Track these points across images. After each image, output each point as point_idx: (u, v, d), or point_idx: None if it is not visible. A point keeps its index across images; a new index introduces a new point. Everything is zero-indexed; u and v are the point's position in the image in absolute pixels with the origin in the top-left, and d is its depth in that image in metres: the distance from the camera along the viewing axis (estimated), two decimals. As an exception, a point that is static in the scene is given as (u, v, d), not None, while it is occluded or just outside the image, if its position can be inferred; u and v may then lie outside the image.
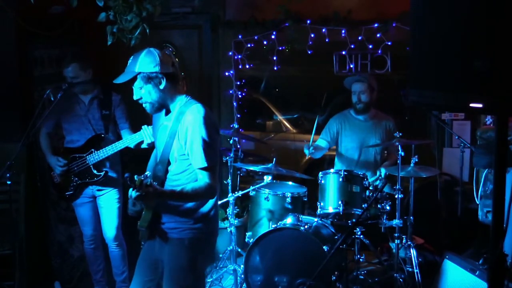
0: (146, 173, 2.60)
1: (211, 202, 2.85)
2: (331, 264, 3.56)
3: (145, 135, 3.52)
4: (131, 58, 2.82)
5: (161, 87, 2.76)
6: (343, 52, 5.24)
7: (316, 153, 4.64)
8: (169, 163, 2.84)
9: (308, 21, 5.15)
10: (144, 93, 2.78)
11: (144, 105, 2.84)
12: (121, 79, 2.79)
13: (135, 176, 2.52)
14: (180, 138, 2.75)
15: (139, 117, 3.65)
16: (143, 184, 2.51)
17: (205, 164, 2.68)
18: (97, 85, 4.03)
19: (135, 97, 2.82)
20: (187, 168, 2.79)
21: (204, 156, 2.68)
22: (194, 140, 2.70)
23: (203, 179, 2.72)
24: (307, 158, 4.45)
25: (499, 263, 1.69)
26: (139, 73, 2.74)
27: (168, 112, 2.89)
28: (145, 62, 2.74)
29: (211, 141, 2.71)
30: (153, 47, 2.83)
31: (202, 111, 2.73)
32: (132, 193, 2.54)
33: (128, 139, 3.74)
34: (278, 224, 3.95)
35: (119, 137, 4.00)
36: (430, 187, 5.08)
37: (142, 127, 3.56)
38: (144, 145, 3.56)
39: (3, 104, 4.09)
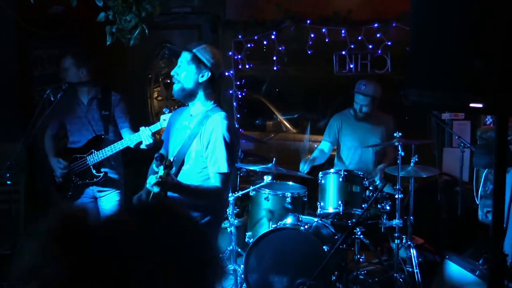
0: (173, 158, 2.64)
1: (215, 212, 2.86)
2: (331, 264, 3.56)
3: (143, 136, 3.53)
4: (196, 43, 2.90)
5: (202, 79, 2.79)
6: (343, 52, 5.23)
7: (317, 161, 4.66)
8: (183, 164, 2.85)
9: (308, 21, 5.14)
10: (183, 71, 2.81)
11: (175, 85, 2.85)
12: (175, 48, 2.89)
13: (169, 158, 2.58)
14: (203, 140, 2.77)
15: (138, 117, 3.65)
16: (172, 165, 2.55)
17: (225, 170, 2.73)
18: (95, 85, 4.02)
19: (173, 72, 2.85)
20: (201, 170, 2.81)
21: (226, 161, 2.72)
22: (217, 145, 2.73)
23: (215, 183, 2.75)
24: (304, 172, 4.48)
25: (499, 263, 1.69)
26: (193, 53, 2.79)
27: (190, 111, 2.91)
28: (206, 52, 2.81)
29: (233, 149, 2.77)
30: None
31: (227, 119, 2.79)
32: (152, 178, 2.56)
33: (127, 140, 3.74)
34: (278, 224, 3.95)
35: (120, 137, 4.00)
36: (430, 187, 5.07)
37: (140, 128, 3.56)
38: (142, 146, 3.56)
39: (3, 104, 4.09)
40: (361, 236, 4.10)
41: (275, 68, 5.48)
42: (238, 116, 5.64)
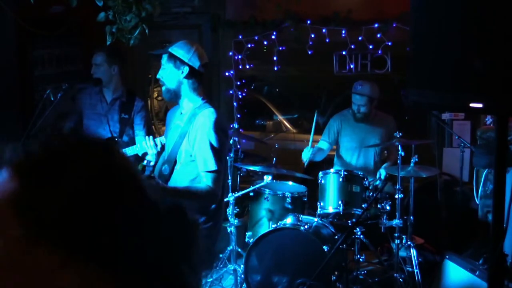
0: (149, 161, 2.62)
1: (213, 209, 2.85)
2: (331, 264, 3.56)
3: (147, 146, 3.49)
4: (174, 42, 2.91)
5: (182, 75, 2.80)
6: (343, 52, 5.23)
7: (317, 156, 4.65)
8: (175, 163, 2.84)
9: (308, 21, 5.15)
10: (165, 73, 2.83)
11: (162, 87, 2.89)
12: (153, 52, 2.92)
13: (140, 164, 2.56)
14: (190, 139, 2.77)
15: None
16: (145, 169, 2.54)
17: (210, 168, 2.70)
18: (121, 86, 4.01)
19: (158, 75, 2.88)
20: (192, 170, 2.80)
21: (210, 160, 2.70)
22: (202, 143, 2.71)
23: (206, 182, 2.73)
24: (305, 164, 4.47)
25: (499, 263, 1.68)
26: (169, 52, 2.80)
27: (181, 109, 2.92)
28: (181, 47, 2.81)
29: (219, 146, 2.73)
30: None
31: (214, 116, 2.75)
32: None
33: (137, 147, 3.72)
34: (278, 224, 3.95)
35: (134, 143, 3.98)
36: (430, 187, 5.08)
37: (146, 137, 3.55)
38: (149, 157, 3.49)
39: (3, 104, 4.09)
40: (361, 236, 4.10)
41: (275, 68, 5.48)
42: (238, 116, 5.64)
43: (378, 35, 5.06)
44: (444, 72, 1.64)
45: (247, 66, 5.55)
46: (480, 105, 1.56)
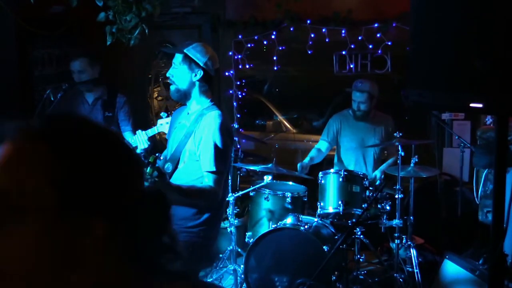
0: (158, 154, 2.64)
1: (213, 208, 2.86)
2: (331, 264, 3.56)
3: (139, 140, 3.52)
4: (189, 41, 2.91)
5: (195, 78, 2.80)
6: (343, 52, 5.23)
7: (316, 159, 4.66)
8: (178, 162, 2.86)
9: (308, 21, 5.15)
10: (177, 73, 2.83)
11: (171, 86, 2.89)
12: (167, 50, 2.89)
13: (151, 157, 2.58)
14: (195, 139, 2.78)
15: (138, 117, 3.63)
16: (156, 161, 2.56)
17: (213, 168, 2.71)
18: (102, 85, 4.01)
19: (168, 74, 2.88)
20: (195, 169, 2.81)
21: (213, 160, 2.71)
22: (207, 143, 2.73)
23: (208, 182, 2.74)
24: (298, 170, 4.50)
25: (499, 263, 1.68)
26: (184, 53, 2.81)
27: (188, 109, 2.93)
28: (197, 50, 2.81)
29: (224, 148, 2.75)
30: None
31: (221, 118, 2.78)
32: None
33: None
34: (278, 224, 3.95)
35: None
36: (430, 187, 5.08)
37: (137, 132, 3.56)
38: (138, 150, 3.55)
39: (3, 104, 4.09)
40: (361, 236, 4.10)
41: (275, 68, 5.48)
42: (238, 116, 5.64)
43: (378, 35, 5.06)
44: (444, 72, 1.64)
45: (247, 66, 5.55)
46: (480, 105, 1.56)
